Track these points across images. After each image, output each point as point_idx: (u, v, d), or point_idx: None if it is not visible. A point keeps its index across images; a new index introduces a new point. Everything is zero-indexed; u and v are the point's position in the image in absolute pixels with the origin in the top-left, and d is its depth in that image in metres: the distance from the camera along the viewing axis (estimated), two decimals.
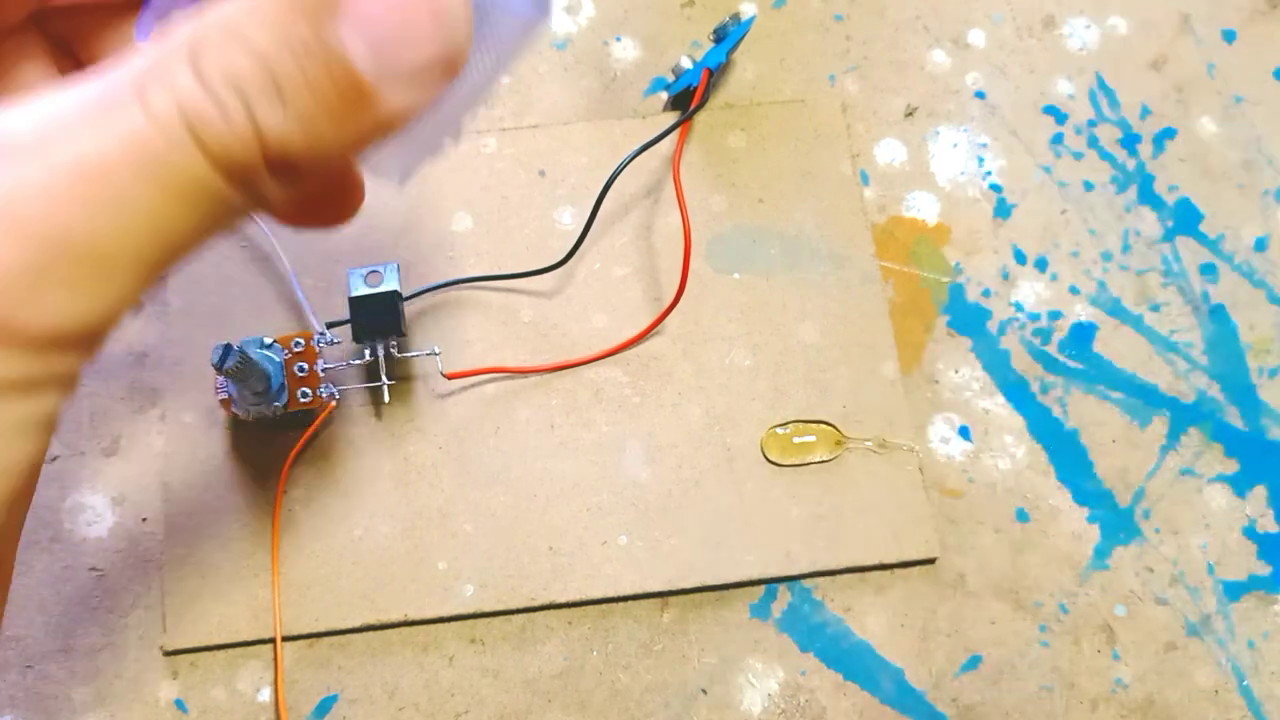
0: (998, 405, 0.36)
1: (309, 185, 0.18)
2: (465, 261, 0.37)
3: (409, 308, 0.36)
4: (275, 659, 0.32)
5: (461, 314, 0.37)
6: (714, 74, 0.38)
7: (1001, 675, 0.33)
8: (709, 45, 0.40)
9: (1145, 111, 0.40)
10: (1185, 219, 0.39)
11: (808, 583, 0.34)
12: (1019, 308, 0.38)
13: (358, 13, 0.17)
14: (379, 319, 0.34)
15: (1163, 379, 0.37)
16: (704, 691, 0.33)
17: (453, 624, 0.33)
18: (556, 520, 0.34)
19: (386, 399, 0.35)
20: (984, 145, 0.40)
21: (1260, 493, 0.36)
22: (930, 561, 0.34)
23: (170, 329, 0.36)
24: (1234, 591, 0.34)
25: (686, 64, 0.39)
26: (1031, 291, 0.38)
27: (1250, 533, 0.35)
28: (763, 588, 0.34)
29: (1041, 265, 0.38)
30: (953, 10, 0.41)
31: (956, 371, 0.37)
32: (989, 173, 0.39)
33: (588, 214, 0.36)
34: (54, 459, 0.34)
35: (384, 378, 0.34)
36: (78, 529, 0.34)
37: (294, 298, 0.36)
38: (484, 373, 0.36)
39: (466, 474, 0.35)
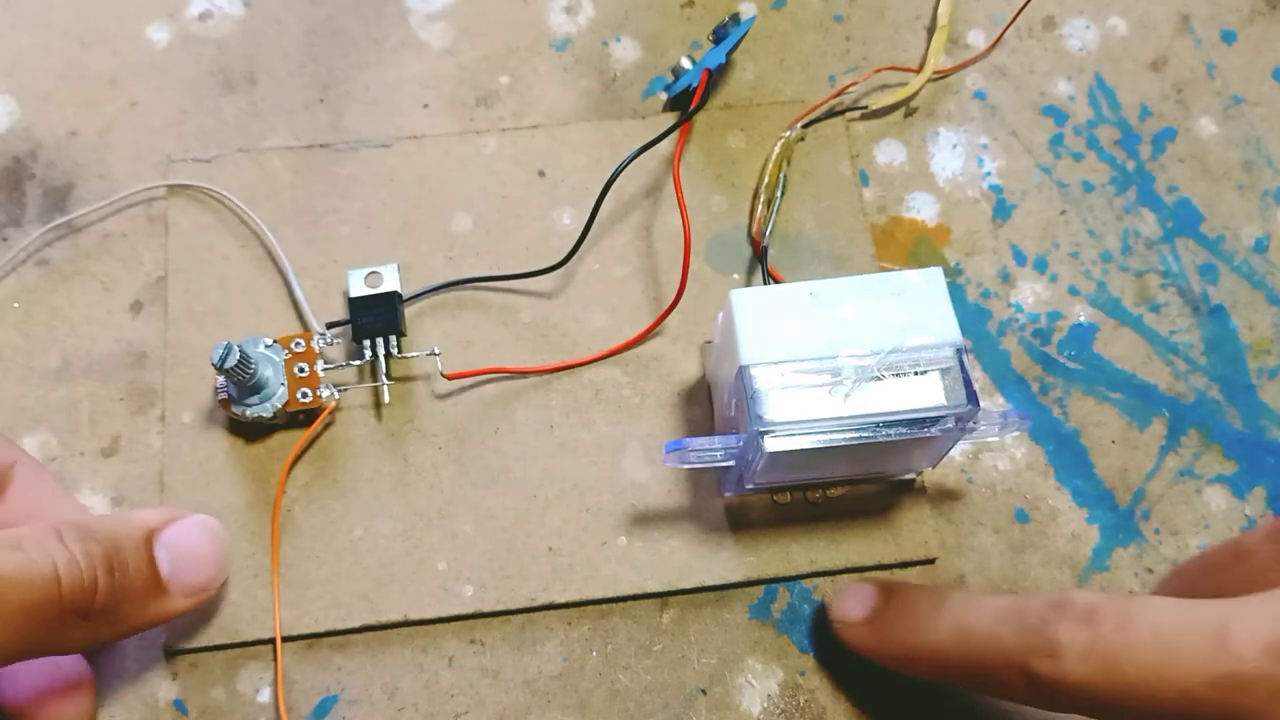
0: (997, 406, 0.36)
1: (93, 632, 0.28)
2: (465, 262, 0.37)
3: (409, 308, 0.36)
4: (275, 659, 0.32)
5: (461, 314, 0.37)
6: (713, 74, 0.38)
7: None
8: (709, 46, 0.40)
9: (1145, 112, 0.40)
10: (1185, 220, 0.39)
11: (807, 583, 0.34)
12: (1018, 308, 0.38)
13: (166, 539, 0.30)
14: (379, 319, 0.35)
15: (1162, 380, 0.37)
16: (703, 692, 0.33)
17: (452, 624, 0.33)
18: (556, 521, 0.34)
19: (387, 399, 0.35)
20: (984, 146, 0.40)
21: (1260, 494, 0.36)
22: (930, 562, 0.34)
23: (170, 329, 0.36)
24: None
25: (686, 64, 0.39)
26: (1031, 292, 0.38)
27: None
28: (762, 588, 0.34)
29: (1041, 266, 0.38)
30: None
31: None
32: (988, 173, 0.39)
33: (587, 214, 0.36)
34: (53, 460, 0.34)
35: (384, 378, 0.34)
36: None
37: (294, 298, 0.36)
38: (484, 373, 0.36)
39: (466, 474, 0.35)
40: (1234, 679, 0.24)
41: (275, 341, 0.34)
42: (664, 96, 0.40)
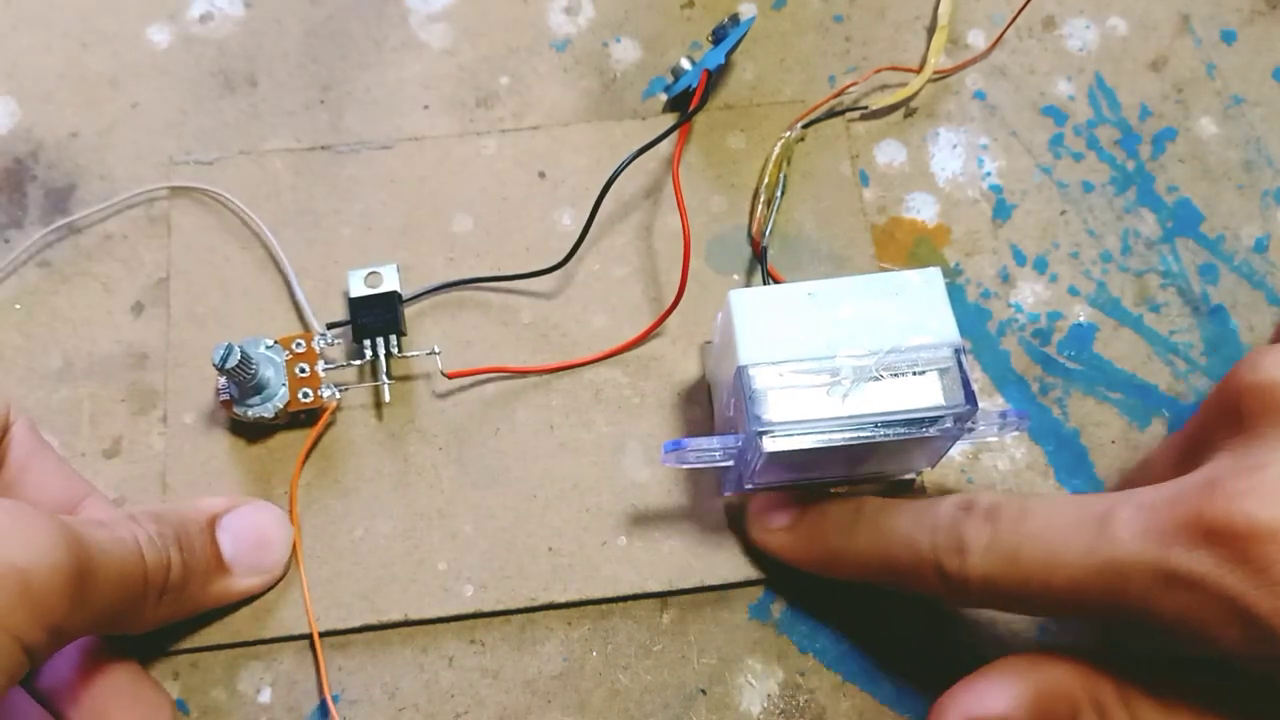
0: (997, 406, 0.36)
1: (166, 609, 0.29)
2: (465, 262, 0.37)
3: (409, 309, 0.36)
4: (315, 654, 0.33)
5: (461, 314, 0.37)
6: (713, 75, 0.38)
7: None
8: (708, 46, 0.40)
9: (1145, 112, 0.40)
10: (1185, 220, 0.39)
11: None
12: (1018, 308, 0.38)
13: (227, 524, 0.32)
14: (379, 319, 0.35)
15: (1162, 380, 0.37)
16: (703, 692, 0.33)
17: (452, 624, 0.33)
18: (556, 521, 0.34)
19: (387, 398, 0.35)
20: (983, 146, 0.40)
21: None
22: None
23: (171, 331, 0.36)
24: None
25: (686, 65, 0.39)
26: (1031, 292, 0.38)
27: None
28: (762, 588, 0.34)
29: (1041, 266, 0.38)
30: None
31: None
32: (988, 173, 0.39)
33: (587, 215, 0.36)
34: None
35: (384, 377, 0.34)
36: None
37: (294, 299, 0.36)
38: (484, 372, 0.36)
39: (466, 474, 0.35)
40: (1114, 566, 0.25)
41: (276, 342, 0.34)
42: (664, 97, 0.40)
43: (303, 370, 0.34)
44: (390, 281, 0.35)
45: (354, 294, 0.35)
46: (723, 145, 0.39)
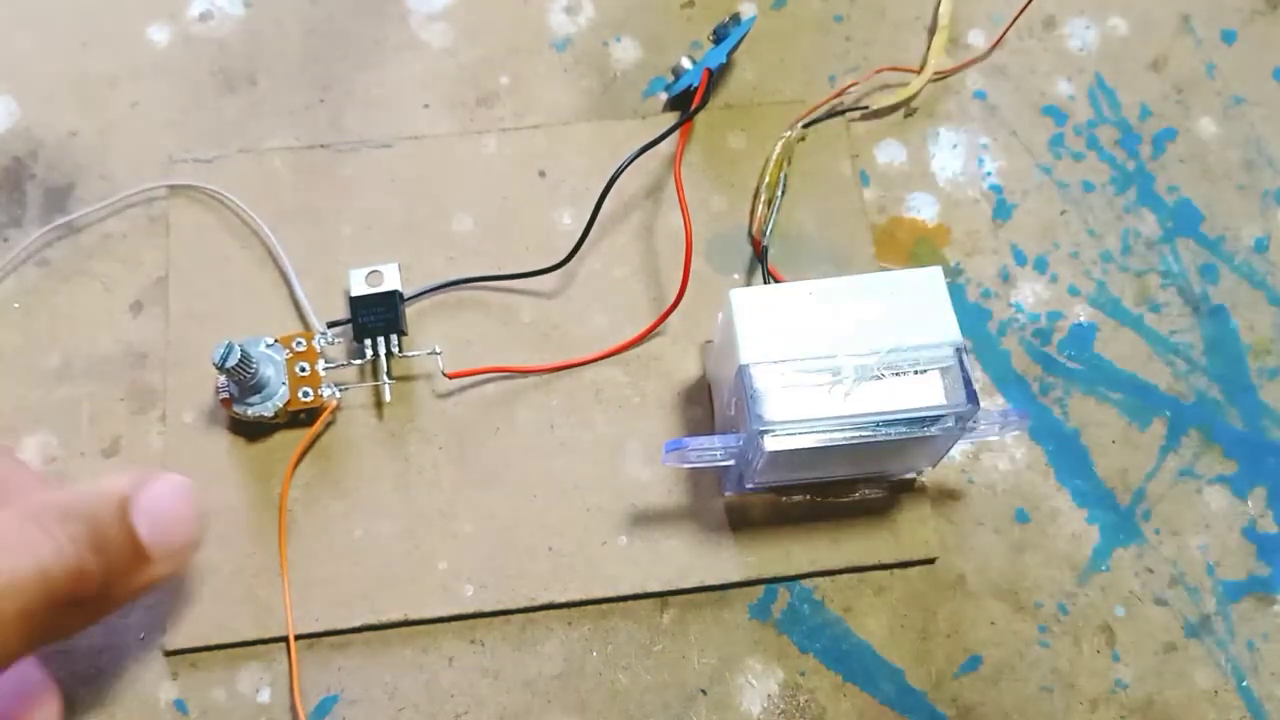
0: (997, 405, 0.36)
1: (85, 616, 0.27)
2: (465, 262, 0.37)
3: (410, 308, 0.36)
4: (289, 658, 0.32)
5: (462, 314, 0.37)
6: (714, 74, 0.38)
7: (1001, 676, 0.33)
8: (709, 46, 0.40)
9: (1145, 112, 0.40)
10: (1185, 220, 0.39)
11: (807, 583, 0.34)
12: (1019, 308, 0.38)
13: (142, 505, 0.27)
14: (380, 318, 0.35)
15: (1162, 380, 0.37)
16: (703, 692, 0.33)
17: (452, 624, 0.33)
18: (556, 520, 0.34)
19: (388, 398, 0.35)
20: (984, 146, 0.40)
21: (1260, 494, 0.36)
22: (930, 562, 0.34)
23: (171, 329, 0.36)
24: (1234, 592, 0.34)
25: (686, 64, 0.39)
26: (1031, 292, 0.38)
27: (1250, 533, 0.35)
28: (762, 588, 0.34)
29: (1041, 266, 0.38)
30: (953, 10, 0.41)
31: None
32: (989, 173, 0.39)
33: (588, 214, 0.36)
34: (53, 460, 0.35)
35: (385, 377, 0.34)
36: None
37: (295, 298, 0.36)
38: (485, 372, 0.36)
39: (466, 474, 0.35)
40: None
41: (276, 341, 0.34)
42: (664, 96, 0.40)
43: (303, 369, 0.34)
44: (391, 280, 0.35)
45: (355, 293, 0.35)
46: (723, 145, 0.39)
